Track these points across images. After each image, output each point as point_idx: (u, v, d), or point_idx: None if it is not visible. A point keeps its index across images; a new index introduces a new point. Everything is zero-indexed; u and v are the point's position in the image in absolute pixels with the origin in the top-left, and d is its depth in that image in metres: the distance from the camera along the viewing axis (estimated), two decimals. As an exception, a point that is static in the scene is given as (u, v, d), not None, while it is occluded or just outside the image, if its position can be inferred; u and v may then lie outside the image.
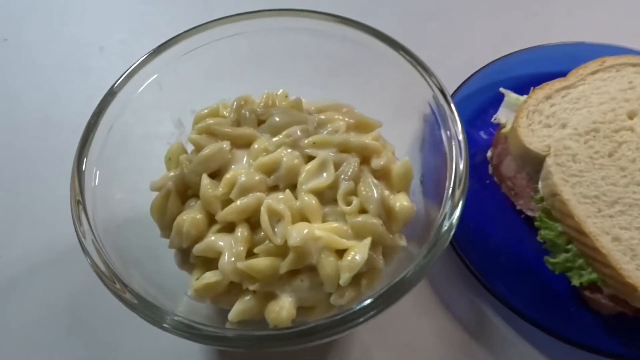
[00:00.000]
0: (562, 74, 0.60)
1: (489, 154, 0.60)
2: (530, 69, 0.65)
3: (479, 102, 0.65)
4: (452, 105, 0.46)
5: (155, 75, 0.52)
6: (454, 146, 0.44)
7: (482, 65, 0.67)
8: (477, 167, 0.61)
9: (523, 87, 0.62)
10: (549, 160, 0.51)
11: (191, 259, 0.48)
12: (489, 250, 0.56)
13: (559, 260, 0.52)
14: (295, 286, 0.46)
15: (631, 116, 0.53)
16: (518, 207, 0.57)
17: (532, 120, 0.54)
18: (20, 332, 0.56)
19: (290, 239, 0.44)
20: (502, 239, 0.57)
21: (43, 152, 0.68)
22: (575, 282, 0.50)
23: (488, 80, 0.65)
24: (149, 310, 0.39)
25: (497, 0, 0.81)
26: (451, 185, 0.43)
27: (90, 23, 0.81)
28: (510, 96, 0.59)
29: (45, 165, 0.66)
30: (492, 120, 0.61)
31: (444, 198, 0.43)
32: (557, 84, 0.56)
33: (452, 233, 0.41)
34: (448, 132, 0.46)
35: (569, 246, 0.51)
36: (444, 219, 0.42)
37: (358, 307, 0.39)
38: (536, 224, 0.53)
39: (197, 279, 0.47)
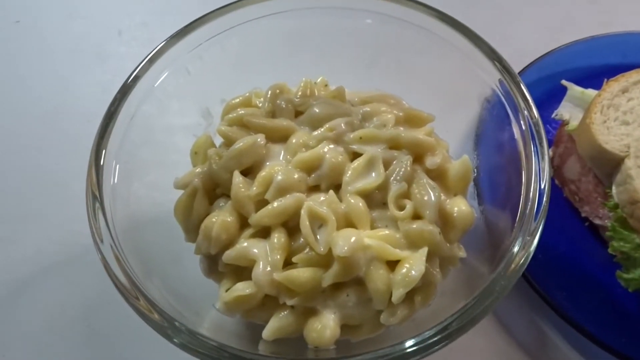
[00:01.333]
0: (632, 66, 0.54)
1: (549, 153, 0.54)
2: (593, 60, 0.59)
3: (535, 96, 0.58)
4: (526, 92, 0.40)
5: (181, 61, 0.47)
6: (532, 144, 0.38)
7: (537, 56, 0.61)
8: (535, 168, 0.55)
9: (586, 79, 0.56)
10: (629, 162, 0.45)
11: (220, 267, 0.43)
12: (550, 262, 0.49)
13: (635, 276, 0.46)
14: (339, 301, 0.40)
15: None
16: (583, 214, 0.51)
17: (607, 117, 0.47)
18: (29, 338, 0.51)
19: (337, 247, 0.38)
20: (565, 250, 0.51)
21: (54, 143, 0.63)
22: (655, 301, 0.44)
23: (544, 73, 0.59)
24: (177, 335, 0.34)
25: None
26: (529, 199, 0.36)
27: (109, 4, 0.76)
28: (574, 89, 0.53)
29: (56, 157, 0.61)
30: (553, 116, 0.54)
31: (519, 215, 0.36)
32: (634, 75, 0.50)
33: (528, 262, 0.35)
34: (521, 126, 0.39)
35: (648, 260, 0.45)
36: (520, 247, 0.35)
37: (415, 346, 0.33)
38: (607, 234, 0.47)
39: (227, 291, 0.41)
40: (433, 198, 0.41)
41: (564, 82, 0.55)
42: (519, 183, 0.38)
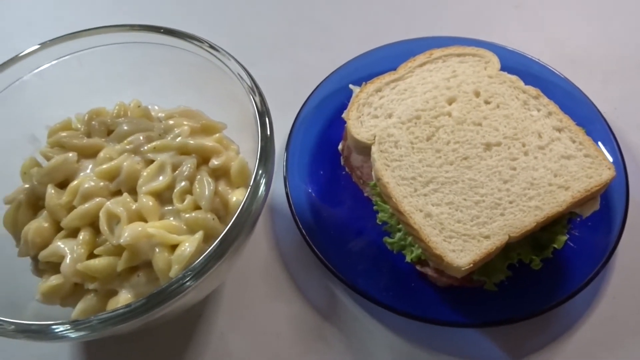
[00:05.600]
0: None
1: (340, 146, 0.64)
2: (386, 65, 0.67)
3: (341, 99, 0.69)
4: (262, 104, 0.51)
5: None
6: (259, 137, 0.48)
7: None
8: (335, 160, 0.65)
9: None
10: (374, 148, 0.55)
11: (40, 265, 0.51)
12: (340, 237, 0.59)
13: (396, 239, 0.56)
14: (133, 282, 0.49)
15: (450, 102, 0.57)
16: (365, 195, 0.62)
17: (361, 113, 0.58)
18: None
19: (121, 237, 0.47)
20: (353, 226, 0.60)
21: None
22: (408, 258, 0.55)
23: (349, 79, 0.69)
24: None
25: (358, 4, 0.86)
26: (253, 177, 0.47)
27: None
28: (356, 91, 0.64)
29: None
30: (342, 116, 0.65)
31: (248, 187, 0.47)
32: (387, 77, 0.60)
33: (253, 214, 0.45)
34: (258, 127, 0.50)
35: (400, 225, 0.55)
36: (246, 202, 0.46)
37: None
38: (374, 208, 0.58)
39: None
40: (207, 192, 0.51)
41: (350, 86, 0.65)
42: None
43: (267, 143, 0.48)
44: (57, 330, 0.42)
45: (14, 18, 0.90)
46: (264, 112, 0.50)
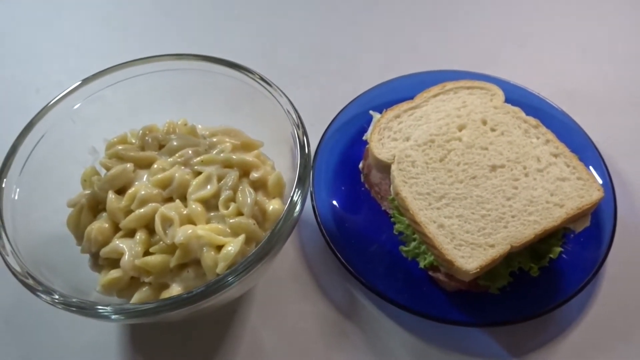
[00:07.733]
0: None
1: (360, 165, 0.72)
2: (402, 94, 0.75)
3: (361, 123, 0.77)
4: (304, 137, 0.58)
5: (68, 111, 0.63)
6: (298, 163, 0.56)
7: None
8: (355, 177, 0.73)
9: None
10: (393, 167, 0.63)
11: (100, 261, 0.58)
12: (360, 245, 0.66)
13: (410, 248, 0.63)
14: (183, 277, 0.56)
15: (460, 129, 0.65)
16: (383, 208, 0.69)
17: (382, 136, 0.66)
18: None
19: (175, 237, 0.55)
20: (371, 236, 0.68)
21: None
22: (421, 264, 0.62)
23: (369, 105, 0.77)
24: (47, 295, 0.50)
25: (378, 39, 0.96)
26: (292, 189, 0.54)
27: (28, 66, 0.92)
28: (376, 116, 0.72)
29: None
30: (363, 138, 0.73)
31: (288, 200, 0.54)
32: (405, 105, 0.69)
33: (290, 225, 0.52)
34: (298, 155, 0.57)
35: (415, 235, 0.62)
36: (285, 215, 0.53)
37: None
38: (392, 219, 0.65)
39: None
40: (249, 200, 0.58)
41: (370, 112, 0.73)
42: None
43: (305, 169, 0.56)
44: (99, 309, 0.49)
45: (64, 41, 0.98)
46: (304, 144, 0.57)
